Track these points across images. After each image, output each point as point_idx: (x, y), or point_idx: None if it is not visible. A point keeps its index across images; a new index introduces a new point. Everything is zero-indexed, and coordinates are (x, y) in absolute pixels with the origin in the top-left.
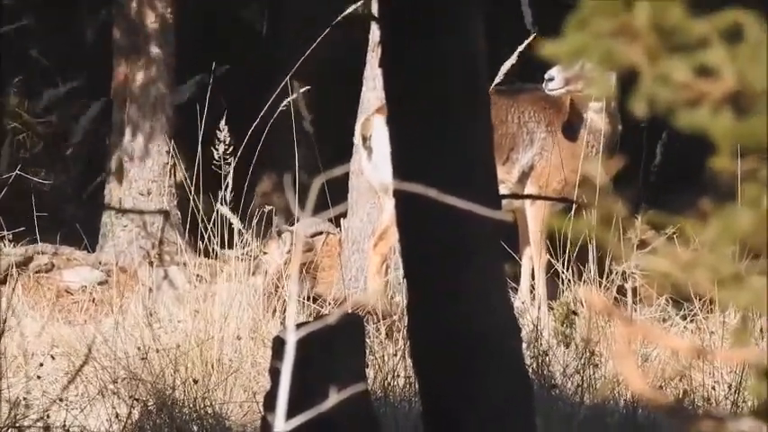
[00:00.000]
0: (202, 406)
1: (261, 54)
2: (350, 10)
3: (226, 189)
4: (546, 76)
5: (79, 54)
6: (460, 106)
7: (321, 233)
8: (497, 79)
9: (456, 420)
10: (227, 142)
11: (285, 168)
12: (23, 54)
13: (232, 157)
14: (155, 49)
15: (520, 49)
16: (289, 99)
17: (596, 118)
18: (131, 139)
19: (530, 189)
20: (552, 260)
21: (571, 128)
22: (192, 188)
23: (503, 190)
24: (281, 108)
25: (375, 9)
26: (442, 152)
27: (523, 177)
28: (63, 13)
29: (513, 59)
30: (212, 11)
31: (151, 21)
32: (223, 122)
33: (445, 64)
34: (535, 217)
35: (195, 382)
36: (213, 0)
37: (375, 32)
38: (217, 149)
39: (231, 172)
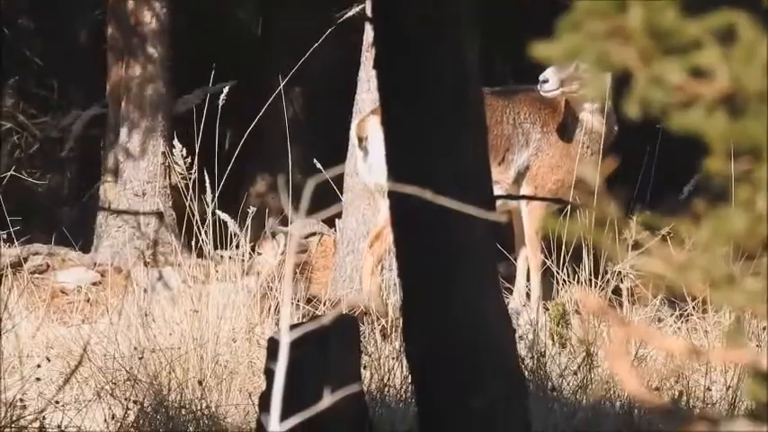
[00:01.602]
0: (199, 407)
1: (255, 55)
2: (351, 13)
3: (214, 192)
4: (541, 78)
5: (73, 55)
6: (453, 108)
7: (315, 234)
8: None
9: (451, 421)
10: (183, 155)
11: (280, 169)
12: (18, 55)
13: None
14: (149, 50)
15: None
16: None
17: (591, 118)
18: (126, 139)
19: (525, 190)
20: (547, 261)
21: (566, 129)
22: (190, 190)
23: (498, 191)
24: (264, 108)
25: (369, 10)
26: (436, 153)
27: (519, 178)
28: (56, 15)
29: None
30: (207, 12)
31: (146, 21)
32: (176, 141)
33: (438, 66)
34: (530, 217)
35: (200, 383)
36: (208, 1)
37: (369, 34)
38: (176, 164)
39: (225, 174)
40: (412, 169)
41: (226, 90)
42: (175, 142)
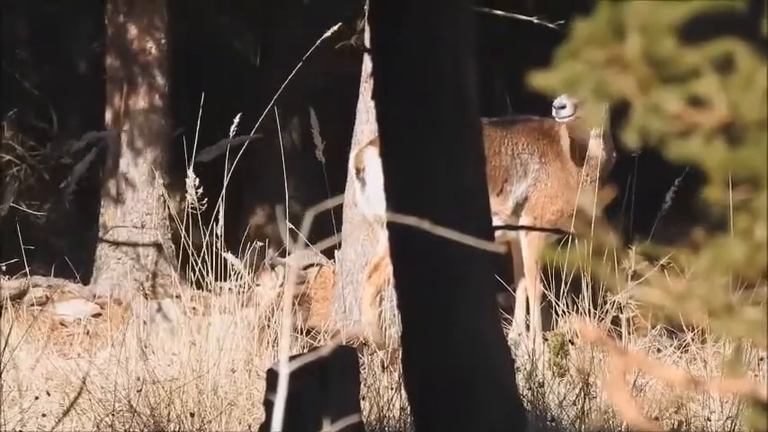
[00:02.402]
0: None
1: (253, 85)
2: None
3: (212, 226)
4: (556, 104)
5: (72, 86)
6: (452, 138)
7: (314, 265)
8: None
9: None
10: (196, 186)
11: (278, 200)
12: (17, 87)
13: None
14: (149, 80)
15: None
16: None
17: (594, 145)
18: (125, 170)
19: (525, 220)
20: (546, 291)
21: (577, 154)
22: (188, 220)
23: (497, 222)
24: (251, 137)
25: (367, 41)
26: (435, 184)
27: (518, 209)
28: (55, 46)
29: None
30: (206, 42)
31: (146, 51)
32: (191, 171)
33: (437, 97)
34: (530, 248)
35: (192, 415)
36: (207, 31)
37: (368, 64)
38: (188, 194)
39: (222, 205)
40: (411, 199)
41: (246, 143)
42: (189, 172)
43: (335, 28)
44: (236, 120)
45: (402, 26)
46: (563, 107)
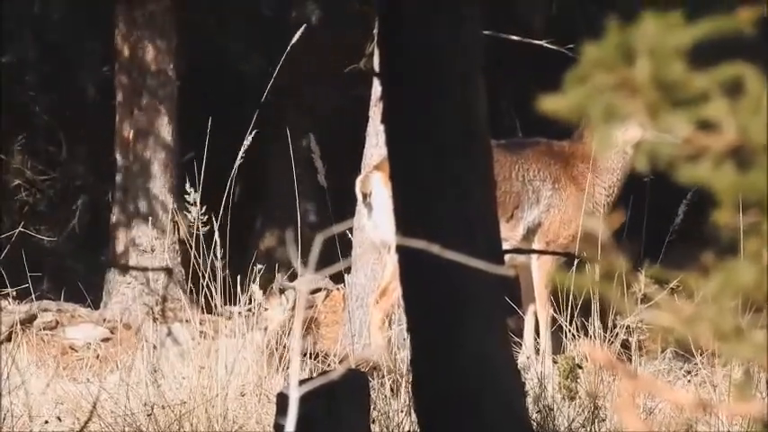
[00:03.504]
0: None
1: (262, 108)
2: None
3: (218, 249)
4: None
5: (81, 110)
6: (462, 162)
7: (321, 290)
8: None
9: None
10: (197, 203)
11: (288, 224)
12: (26, 111)
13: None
14: (156, 105)
15: None
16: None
17: (631, 154)
18: (134, 195)
19: (537, 245)
20: (556, 314)
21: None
22: (201, 244)
23: (506, 247)
24: (239, 158)
25: (377, 65)
26: (444, 208)
27: (529, 234)
28: (64, 70)
29: None
30: (215, 66)
31: (155, 75)
32: (188, 186)
33: (447, 121)
34: (540, 272)
35: None
36: (216, 55)
37: (377, 88)
38: (190, 212)
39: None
40: (420, 223)
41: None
42: (188, 188)
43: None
44: (248, 138)
45: (410, 51)
46: None
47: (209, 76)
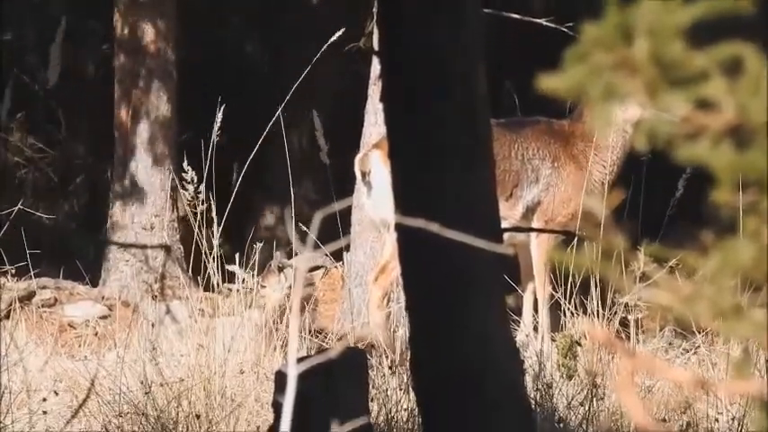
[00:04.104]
0: None
1: (263, 87)
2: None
3: (216, 227)
4: None
5: (81, 88)
6: (461, 140)
7: (319, 267)
8: None
9: None
10: (194, 182)
11: (288, 202)
12: (25, 90)
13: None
14: (156, 84)
15: None
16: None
17: (631, 132)
18: (134, 173)
19: (536, 224)
20: (555, 293)
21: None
22: (198, 222)
23: (505, 225)
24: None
25: (376, 43)
26: (443, 186)
27: (528, 213)
28: (64, 48)
29: None
30: (215, 44)
31: (154, 54)
32: (185, 164)
33: (446, 99)
34: (539, 250)
35: (198, 417)
36: (216, 34)
37: (376, 67)
38: (187, 190)
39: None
40: (419, 202)
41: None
42: (185, 165)
43: (341, 33)
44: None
45: (410, 28)
46: None
47: (209, 57)
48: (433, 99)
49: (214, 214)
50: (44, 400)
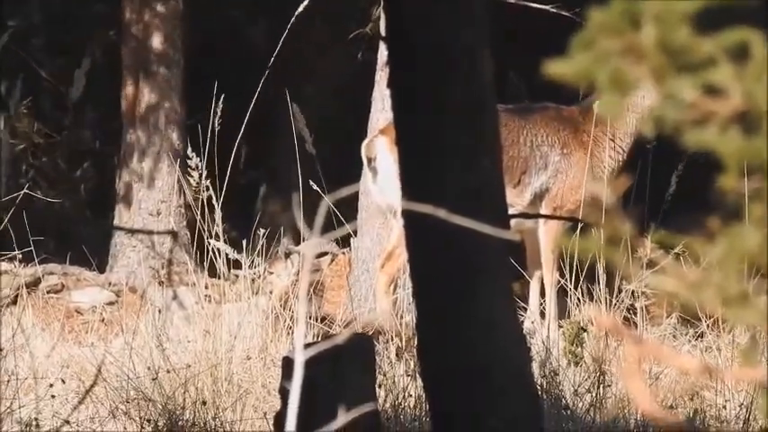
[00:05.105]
0: (213, 426)
1: (268, 75)
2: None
3: (212, 212)
4: None
5: (88, 75)
6: (468, 126)
7: (326, 254)
8: None
9: None
10: (199, 169)
11: (294, 188)
12: (33, 75)
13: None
14: (162, 70)
15: None
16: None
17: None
18: (140, 159)
19: (545, 210)
20: (562, 280)
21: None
22: (204, 208)
23: (512, 212)
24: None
25: (383, 29)
26: (450, 172)
27: (536, 200)
28: (71, 34)
29: None
30: (220, 31)
31: (159, 41)
32: (189, 150)
33: (452, 85)
34: (547, 237)
35: (204, 403)
36: (221, 20)
37: (383, 53)
38: (192, 175)
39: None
40: (426, 188)
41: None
42: (190, 152)
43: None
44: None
45: (417, 13)
46: None
47: (215, 43)
48: (439, 86)
49: (215, 201)
50: (51, 385)
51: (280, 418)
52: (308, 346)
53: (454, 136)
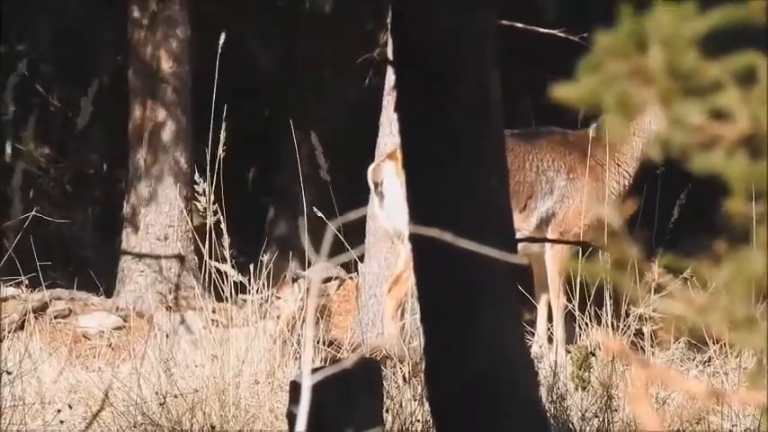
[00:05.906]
0: None
1: (277, 96)
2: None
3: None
4: None
5: (95, 98)
6: (475, 151)
7: (333, 278)
8: None
9: None
10: (206, 193)
11: (301, 212)
12: (39, 99)
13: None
14: (170, 93)
15: None
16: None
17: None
18: (148, 183)
19: (552, 235)
20: (569, 304)
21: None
22: (212, 233)
23: (518, 236)
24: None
25: (390, 54)
26: (457, 196)
27: (542, 224)
28: (78, 58)
29: None
30: (228, 53)
31: (166, 63)
32: (197, 176)
33: (460, 108)
34: (554, 261)
35: (212, 428)
36: (228, 45)
37: (391, 77)
38: (199, 201)
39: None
40: (433, 212)
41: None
42: (197, 177)
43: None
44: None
45: (424, 39)
46: None
47: (223, 66)
48: (447, 110)
49: (222, 225)
50: (59, 410)
51: None
52: (315, 370)
53: (461, 158)
